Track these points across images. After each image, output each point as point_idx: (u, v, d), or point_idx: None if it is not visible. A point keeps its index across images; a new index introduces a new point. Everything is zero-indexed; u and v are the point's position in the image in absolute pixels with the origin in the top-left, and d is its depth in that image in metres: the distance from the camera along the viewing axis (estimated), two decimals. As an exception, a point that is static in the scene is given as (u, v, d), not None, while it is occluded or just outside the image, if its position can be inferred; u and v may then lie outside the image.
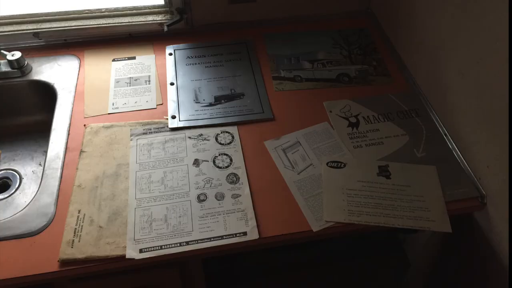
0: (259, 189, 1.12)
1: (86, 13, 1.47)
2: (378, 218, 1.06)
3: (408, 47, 1.43)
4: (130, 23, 1.48)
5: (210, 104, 1.31)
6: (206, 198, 1.09)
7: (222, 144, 1.21)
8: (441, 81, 1.25)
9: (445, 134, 1.24)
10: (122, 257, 0.99)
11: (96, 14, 1.48)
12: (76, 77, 1.37)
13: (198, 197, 1.09)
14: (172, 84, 1.36)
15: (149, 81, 1.37)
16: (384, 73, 1.42)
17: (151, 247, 1.00)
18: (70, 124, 1.24)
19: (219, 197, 1.09)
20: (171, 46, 1.49)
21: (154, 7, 1.51)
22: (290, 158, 1.18)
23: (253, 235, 1.02)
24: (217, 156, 1.18)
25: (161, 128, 1.24)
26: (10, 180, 1.30)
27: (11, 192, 1.27)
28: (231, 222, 1.05)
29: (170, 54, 1.46)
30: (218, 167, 1.16)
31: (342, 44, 1.52)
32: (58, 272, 0.97)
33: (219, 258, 1.23)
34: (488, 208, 1.10)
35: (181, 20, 1.49)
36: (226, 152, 1.19)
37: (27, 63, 1.37)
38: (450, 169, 1.16)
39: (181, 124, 1.25)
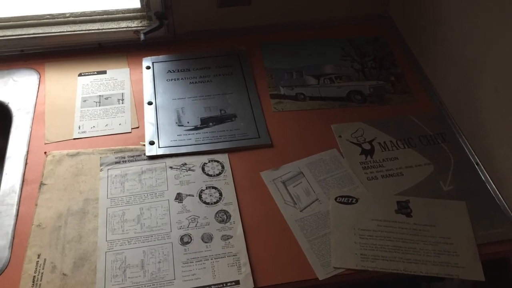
0: (254, 229, 1.16)
1: (47, 18, 1.53)
2: (397, 264, 1.11)
3: (433, 59, 1.48)
4: (100, 31, 1.53)
5: (196, 128, 1.36)
6: (191, 240, 1.14)
7: (210, 176, 1.26)
8: (473, 100, 1.29)
9: (477, 164, 1.29)
10: (90, 310, 1.03)
11: (59, 19, 1.53)
12: (35, 95, 1.42)
13: (181, 238, 1.14)
14: (150, 103, 1.42)
15: (123, 99, 1.43)
16: (404, 90, 1.48)
17: (125, 299, 1.05)
18: (28, 151, 1.29)
19: (207, 238, 1.14)
20: (149, 58, 1.55)
21: (128, 11, 1.56)
22: (291, 192, 1.23)
23: (247, 284, 1.07)
24: (204, 190, 1.23)
25: (137, 156, 1.29)
26: (-47, 219, 1.33)
27: (-47, 234, 1.30)
28: (221, 268, 1.09)
29: (148, 67, 1.52)
30: (205, 203, 1.21)
31: (354, 55, 1.58)
32: (13, 329, 1.00)
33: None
34: (528, 251, 1.15)
35: (160, 27, 1.54)
36: (214, 185, 1.24)
37: (-25, 78, 1.42)
38: (483, 205, 1.21)
39: (160, 152, 1.30)
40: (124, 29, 1.54)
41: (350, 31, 1.66)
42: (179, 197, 1.21)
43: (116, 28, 1.54)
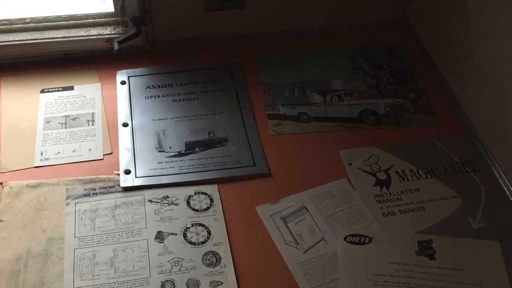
0: (249, 274, 1.18)
1: (4, 24, 1.55)
2: (418, 315, 1.14)
3: (460, 72, 1.50)
4: (66, 39, 1.55)
5: (180, 154, 1.39)
6: (174, 286, 1.15)
7: (197, 211, 1.28)
8: (508, 120, 1.31)
9: (513, 196, 1.32)
10: None
11: (18, 25, 1.55)
12: (-11, 116, 1.44)
13: (163, 285, 1.16)
14: (125, 125, 1.44)
15: (93, 120, 1.45)
16: (427, 110, 1.51)
17: None
18: (-20, 182, 1.31)
19: (192, 285, 1.16)
20: (124, 71, 1.57)
21: (99, 15, 1.59)
22: (292, 231, 1.25)
23: None
24: (189, 228, 1.25)
25: (109, 187, 1.31)
26: None
27: None
28: (210, 321, 1.12)
29: (123, 82, 1.54)
30: (190, 243, 1.23)
31: (367, 68, 1.61)
32: None
33: None
34: None
35: (138, 34, 1.56)
36: (202, 222, 1.26)
37: None
38: (520, 246, 1.24)
39: (138, 182, 1.32)
40: (95, 37, 1.56)
41: (362, 40, 1.68)
42: (159, 236, 1.23)
43: (85, 36, 1.56)
